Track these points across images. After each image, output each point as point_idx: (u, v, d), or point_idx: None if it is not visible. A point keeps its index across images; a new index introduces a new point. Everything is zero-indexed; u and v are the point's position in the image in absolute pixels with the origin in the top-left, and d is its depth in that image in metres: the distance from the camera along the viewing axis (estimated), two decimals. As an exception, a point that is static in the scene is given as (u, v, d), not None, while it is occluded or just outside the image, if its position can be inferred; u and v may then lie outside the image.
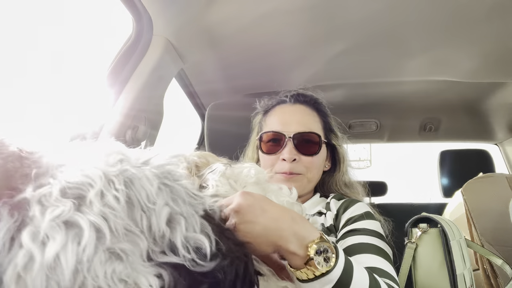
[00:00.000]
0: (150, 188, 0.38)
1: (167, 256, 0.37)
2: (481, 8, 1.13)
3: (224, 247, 0.41)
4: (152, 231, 0.37)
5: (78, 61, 1.17)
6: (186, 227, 0.39)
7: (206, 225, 0.41)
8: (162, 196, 0.39)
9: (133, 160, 0.41)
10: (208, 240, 0.39)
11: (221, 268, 0.39)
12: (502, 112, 1.92)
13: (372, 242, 0.79)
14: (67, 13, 1.13)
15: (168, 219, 0.38)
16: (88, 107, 1.10)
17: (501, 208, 1.14)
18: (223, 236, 0.42)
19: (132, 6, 1.09)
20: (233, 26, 1.24)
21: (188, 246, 0.38)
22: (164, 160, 0.44)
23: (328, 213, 0.92)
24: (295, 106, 1.07)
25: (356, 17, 1.20)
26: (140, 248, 0.36)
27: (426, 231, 0.98)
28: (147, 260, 0.36)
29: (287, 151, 0.97)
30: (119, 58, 1.13)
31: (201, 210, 0.43)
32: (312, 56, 1.46)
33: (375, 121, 2.08)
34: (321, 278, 0.54)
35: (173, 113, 1.59)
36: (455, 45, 1.35)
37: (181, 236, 0.38)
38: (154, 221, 0.37)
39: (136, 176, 0.38)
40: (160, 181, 0.40)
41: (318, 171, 1.03)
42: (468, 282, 0.91)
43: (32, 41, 1.02)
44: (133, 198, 0.37)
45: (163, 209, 0.38)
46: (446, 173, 1.90)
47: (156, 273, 0.36)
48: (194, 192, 0.44)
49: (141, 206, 0.37)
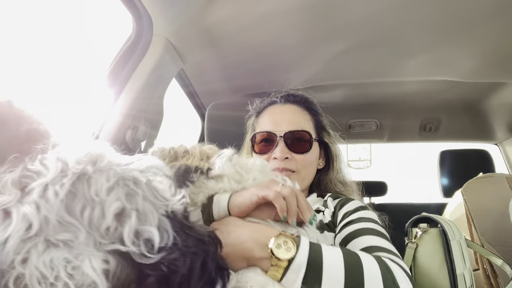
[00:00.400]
0: (103, 185, 0.41)
1: (115, 245, 0.40)
2: (481, 8, 1.13)
3: (180, 242, 0.43)
4: (94, 223, 0.39)
5: (78, 61, 1.17)
6: (138, 221, 0.41)
7: (165, 221, 0.44)
8: (116, 192, 0.41)
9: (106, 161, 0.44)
10: (162, 234, 0.42)
11: (168, 261, 0.41)
12: (502, 112, 1.92)
13: (368, 226, 0.79)
14: (67, 13, 1.13)
15: (117, 213, 0.41)
16: (88, 107, 1.10)
17: (501, 208, 1.14)
18: (182, 232, 0.44)
19: (132, 6, 1.09)
20: (233, 26, 1.24)
21: (137, 239, 0.40)
22: (141, 166, 0.47)
23: (326, 210, 0.93)
24: (285, 106, 1.09)
25: (356, 17, 1.20)
26: (82, 238, 0.38)
27: (426, 231, 0.98)
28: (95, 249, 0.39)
29: (278, 150, 0.99)
30: (119, 58, 1.13)
31: (163, 209, 0.45)
32: (312, 56, 1.46)
33: (375, 121, 2.08)
34: (290, 268, 0.57)
35: (173, 113, 1.59)
36: (455, 45, 1.35)
37: (130, 229, 0.40)
38: (97, 213, 0.40)
39: (94, 174, 0.41)
40: (119, 180, 0.43)
41: (311, 169, 1.04)
42: (468, 282, 0.91)
43: (32, 41, 1.02)
44: (79, 192, 0.40)
45: (113, 203, 0.41)
46: (446, 173, 1.91)
47: (103, 257, 0.39)
48: (162, 195, 0.47)
49: (85, 199, 0.40)
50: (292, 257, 0.57)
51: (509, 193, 1.24)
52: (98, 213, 0.40)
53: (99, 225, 0.39)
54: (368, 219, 0.83)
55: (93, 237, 0.39)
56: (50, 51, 1.08)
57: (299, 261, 0.58)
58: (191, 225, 0.48)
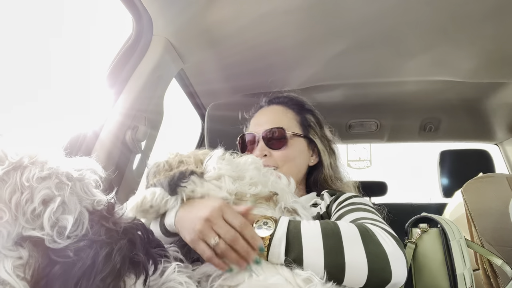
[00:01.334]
0: (35, 174, 0.44)
1: (33, 231, 0.43)
2: (480, 8, 1.13)
3: (92, 232, 0.46)
4: (22, 206, 0.43)
5: (78, 61, 1.17)
6: (62, 209, 0.45)
7: (84, 214, 0.47)
8: (47, 182, 0.45)
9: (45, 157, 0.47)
10: (77, 224, 0.45)
11: (75, 248, 0.43)
12: (502, 112, 1.92)
13: (358, 206, 0.82)
14: (68, 13, 1.13)
15: (45, 199, 0.44)
16: (88, 107, 1.10)
17: (501, 208, 1.14)
18: (98, 225, 0.47)
19: (132, 6, 1.09)
20: (233, 26, 1.24)
21: (56, 225, 0.44)
22: (78, 165, 0.51)
23: (322, 203, 0.96)
24: (269, 107, 1.17)
25: (356, 17, 1.20)
26: (5, 224, 0.41)
27: (426, 231, 0.98)
28: (14, 239, 0.42)
29: (257, 149, 1.06)
30: (119, 58, 1.13)
31: (88, 202, 0.49)
32: (312, 56, 1.46)
33: (375, 121, 2.08)
34: (272, 243, 0.63)
35: (173, 113, 1.59)
36: (455, 45, 1.35)
37: (51, 213, 0.44)
38: (25, 197, 0.43)
39: (29, 165, 0.45)
40: (52, 173, 0.46)
41: (294, 164, 1.06)
42: (468, 282, 0.91)
43: (32, 41, 1.02)
44: (10, 178, 0.43)
45: (42, 190, 0.44)
46: (446, 173, 1.90)
47: (17, 255, 0.42)
48: (91, 191, 0.51)
49: (16, 184, 0.43)
50: (272, 232, 0.63)
51: (509, 193, 1.24)
52: (26, 197, 0.43)
53: (26, 209, 0.43)
54: (359, 203, 0.85)
55: (18, 221, 0.42)
56: (50, 51, 1.08)
57: (278, 235, 0.63)
58: (110, 218, 0.50)
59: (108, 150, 1.05)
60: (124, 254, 0.47)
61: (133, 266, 0.48)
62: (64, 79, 1.09)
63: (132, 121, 1.13)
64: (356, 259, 0.61)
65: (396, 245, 0.64)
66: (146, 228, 0.55)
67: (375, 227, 0.67)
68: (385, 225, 0.72)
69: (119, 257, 0.46)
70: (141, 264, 0.49)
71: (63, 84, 1.08)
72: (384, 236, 0.65)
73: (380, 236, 0.64)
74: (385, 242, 0.63)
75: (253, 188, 0.72)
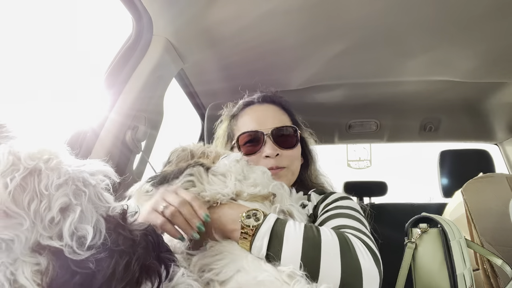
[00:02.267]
0: (54, 181, 0.43)
1: (52, 240, 0.42)
2: (480, 8, 1.13)
3: (110, 242, 0.45)
4: (41, 214, 0.42)
5: (78, 61, 1.17)
6: (80, 218, 0.44)
7: (101, 221, 0.47)
8: (64, 188, 0.44)
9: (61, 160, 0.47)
10: (95, 233, 0.44)
11: (95, 259, 0.43)
12: (502, 112, 1.92)
13: (343, 211, 0.81)
14: (68, 13, 1.13)
15: (63, 207, 0.44)
16: (88, 107, 1.10)
17: (501, 208, 1.14)
18: (115, 233, 0.47)
19: (132, 6, 1.09)
20: (233, 26, 1.24)
21: (74, 234, 0.43)
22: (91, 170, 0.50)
23: (310, 204, 0.95)
24: (264, 105, 1.09)
25: (356, 17, 1.20)
26: (25, 231, 0.41)
27: (426, 231, 0.98)
28: (32, 246, 0.42)
29: (268, 148, 0.98)
30: (119, 58, 1.13)
31: (104, 210, 0.49)
32: (312, 56, 1.45)
33: (375, 121, 2.08)
34: (256, 235, 0.64)
35: (173, 113, 1.59)
36: (455, 45, 1.35)
37: (71, 223, 0.43)
38: (44, 205, 0.42)
39: (46, 170, 0.44)
40: (69, 179, 0.45)
41: (298, 163, 1.07)
42: (468, 282, 0.91)
43: (32, 41, 1.02)
44: (29, 185, 0.42)
45: (60, 198, 0.43)
46: (446, 173, 1.90)
47: (35, 262, 0.41)
48: (105, 197, 0.50)
49: (34, 191, 0.42)
50: (259, 224, 0.65)
51: (509, 193, 1.24)
52: (45, 205, 0.42)
53: (44, 216, 0.42)
54: (345, 206, 0.85)
55: (36, 228, 0.42)
56: (51, 51, 1.08)
57: (263, 228, 0.65)
58: (126, 226, 0.50)
59: (108, 150, 1.05)
60: (142, 263, 0.47)
61: (149, 274, 0.48)
62: (64, 79, 1.09)
63: (132, 121, 1.13)
64: (331, 270, 0.61)
65: (373, 262, 0.64)
66: (156, 233, 0.55)
67: (356, 239, 0.67)
68: (367, 236, 0.72)
69: (137, 266, 0.46)
70: (156, 271, 0.49)
71: (63, 84, 1.08)
72: (363, 251, 0.65)
73: (359, 250, 0.64)
74: (363, 258, 0.63)
75: (253, 188, 0.74)
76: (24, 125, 0.51)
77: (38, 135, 0.50)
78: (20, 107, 0.86)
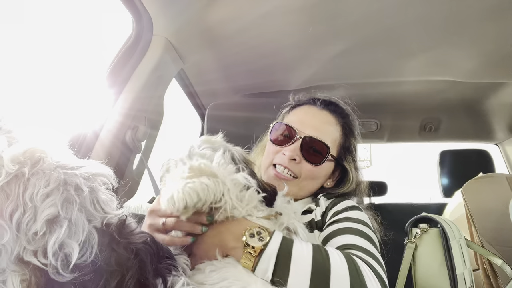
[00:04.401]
0: (40, 190, 0.39)
1: (34, 257, 0.38)
2: (481, 8, 1.13)
3: (102, 259, 0.41)
4: (23, 227, 0.38)
5: (78, 61, 1.17)
6: (68, 232, 0.40)
7: (94, 235, 0.42)
8: (53, 198, 0.40)
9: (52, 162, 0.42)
10: (85, 249, 0.40)
11: (79, 282, 0.39)
12: (502, 112, 1.92)
13: (351, 226, 0.78)
14: (68, 13, 1.13)
15: (49, 219, 0.39)
16: (88, 107, 1.10)
17: (501, 208, 1.13)
18: (108, 249, 0.43)
19: (132, 6, 1.09)
20: (233, 26, 1.24)
21: (59, 253, 0.39)
22: (87, 173, 0.45)
23: (317, 209, 0.92)
24: (321, 112, 1.04)
25: (356, 17, 1.20)
26: (8, 242, 0.37)
27: (426, 231, 0.98)
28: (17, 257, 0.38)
29: (291, 149, 0.95)
30: (119, 58, 1.13)
31: (98, 221, 0.44)
32: (312, 56, 1.45)
33: (375, 121, 2.08)
34: (262, 257, 0.60)
35: (173, 113, 1.59)
36: (455, 45, 1.35)
37: (57, 239, 0.39)
38: (28, 217, 0.38)
39: (33, 176, 0.39)
40: (60, 185, 0.41)
41: (315, 183, 0.99)
42: (468, 282, 0.91)
43: (32, 41, 1.02)
44: (13, 192, 0.38)
45: (47, 209, 0.39)
46: (446, 173, 1.90)
47: (23, 272, 0.38)
48: (102, 206, 0.45)
49: (18, 201, 0.38)
50: (264, 245, 0.61)
51: (509, 193, 1.24)
52: (30, 217, 0.38)
53: (28, 229, 0.38)
54: (354, 219, 0.81)
55: (19, 241, 0.38)
56: (51, 51, 1.08)
57: (269, 250, 0.61)
58: (121, 241, 0.45)
59: (108, 150, 1.05)
60: (136, 280, 0.44)
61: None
62: (64, 79, 1.09)
63: (132, 121, 1.13)
64: None
65: (379, 285, 0.64)
66: (155, 242, 0.52)
67: (365, 265, 0.65)
68: (376, 259, 0.70)
69: (131, 284, 0.43)
70: (152, 287, 0.47)
71: (63, 84, 1.08)
72: (371, 277, 0.64)
73: (367, 277, 0.63)
74: (369, 282, 0.63)
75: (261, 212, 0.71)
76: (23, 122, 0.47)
77: (33, 132, 0.46)
78: (20, 107, 0.86)
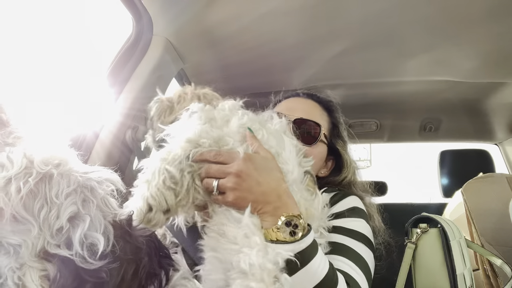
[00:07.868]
0: (64, 188, 0.43)
1: (60, 249, 0.42)
2: (481, 8, 1.13)
3: (119, 249, 0.45)
4: (49, 222, 0.42)
5: (78, 61, 1.17)
6: (89, 226, 0.44)
7: (109, 228, 0.47)
8: (73, 197, 0.44)
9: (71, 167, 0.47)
10: (104, 241, 0.44)
11: (108, 268, 0.43)
12: (502, 112, 1.92)
13: (354, 246, 0.77)
14: (67, 13, 1.13)
15: (71, 216, 0.44)
16: (88, 107, 1.10)
17: (501, 208, 1.14)
18: (122, 240, 0.47)
19: (132, 6, 1.09)
20: (233, 26, 1.24)
21: (84, 243, 0.43)
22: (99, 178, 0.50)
23: None
24: (307, 100, 1.07)
25: (356, 17, 1.20)
26: (32, 237, 0.41)
27: (426, 231, 0.98)
28: (39, 252, 0.42)
29: None
30: (119, 58, 1.13)
31: (111, 217, 0.49)
32: (312, 56, 1.45)
33: (375, 121, 2.08)
34: (283, 245, 0.59)
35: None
36: (455, 45, 1.35)
37: (81, 232, 0.43)
38: (53, 214, 0.42)
39: (57, 177, 0.44)
40: (78, 187, 0.45)
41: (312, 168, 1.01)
42: (468, 282, 0.91)
43: (32, 41, 1.02)
44: (40, 191, 0.42)
45: (69, 207, 0.43)
46: (446, 173, 1.90)
47: (42, 267, 0.41)
48: (111, 204, 0.50)
49: (45, 198, 0.42)
50: (291, 241, 0.60)
51: (509, 193, 1.24)
52: (55, 214, 0.42)
53: (53, 225, 0.42)
54: (349, 231, 0.80)
55: (43, 235, 0.42)
56: (51, 51, 1.08)
57: (292, 247, 0.59)
58: (132, 233, 0.50)
59: (108, 150, 1.05)
60: (147, 270, 0.48)
61: (152, 280, 0.50)
62: (64, 79, 1.09)
63: (132, 121, 1.13)
64: None
65: None
66: (158, 238, 0.57)
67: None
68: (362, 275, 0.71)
69: (144, 273, 0.47)
70: (159, 277, 0.51)
71: (63, 84, 1.08)
72: None
73: None
74: None
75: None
76: (30, 126, 0.51)
77: (45, 137, 0.50)
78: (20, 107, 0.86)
